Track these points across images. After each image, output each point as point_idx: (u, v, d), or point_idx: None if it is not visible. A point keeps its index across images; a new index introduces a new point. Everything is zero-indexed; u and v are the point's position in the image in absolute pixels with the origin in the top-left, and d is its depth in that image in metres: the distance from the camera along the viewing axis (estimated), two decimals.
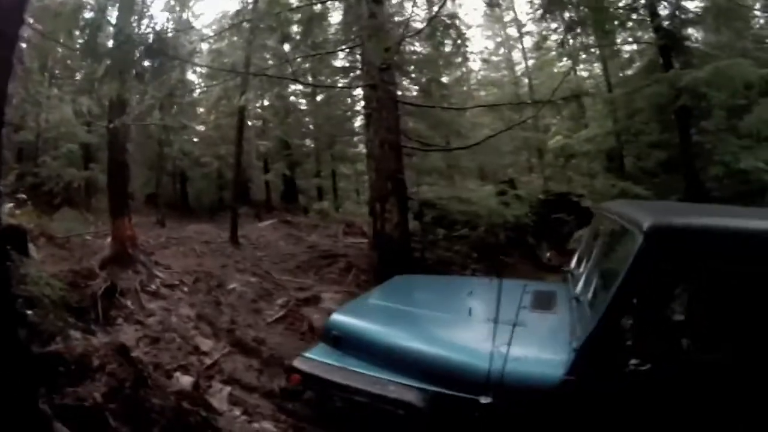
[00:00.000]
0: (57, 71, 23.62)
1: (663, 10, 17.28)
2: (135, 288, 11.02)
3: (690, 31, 18.23)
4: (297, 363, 5.53)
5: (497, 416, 4.45)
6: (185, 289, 11.95)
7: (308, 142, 33.07)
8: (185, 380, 7.16)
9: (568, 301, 5.92)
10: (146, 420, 5.39)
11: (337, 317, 6.00)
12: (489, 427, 4.49)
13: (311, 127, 31.69)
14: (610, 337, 4.40)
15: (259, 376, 8.25)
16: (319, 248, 17.19)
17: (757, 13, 17.68)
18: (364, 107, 15.92)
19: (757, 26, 20.08)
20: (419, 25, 15.99)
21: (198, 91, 27.22)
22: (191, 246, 16.76)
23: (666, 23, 17.02)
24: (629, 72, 20.35)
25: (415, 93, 21.09)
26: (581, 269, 6.47)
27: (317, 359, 5.49)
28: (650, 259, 4.37)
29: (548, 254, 18.14)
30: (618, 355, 4.32)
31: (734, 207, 7.54)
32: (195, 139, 30.74)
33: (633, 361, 4.23)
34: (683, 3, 17.03)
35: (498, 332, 4.99)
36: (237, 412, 6.94)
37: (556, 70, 25.06)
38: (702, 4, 17.10)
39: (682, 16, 17.14)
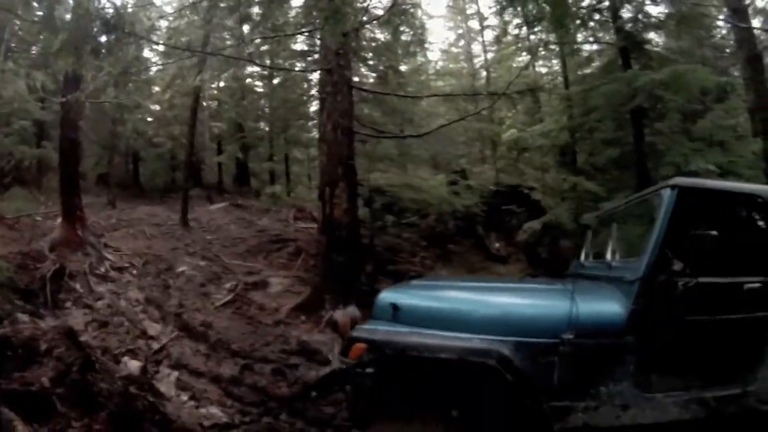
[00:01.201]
0: (13, 44, 23.19)
1: (626, 13, 17.44)
2: (84, 271, 11.00)
3: (652, 35, 18.46)
4: (359, 333, 5.55)
5: (574, 356, 4.91)
6: (134, 272, 11.95)
7: (263, 125, 32.64)
8: (133, 365, 7.16)
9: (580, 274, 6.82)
10: (94, 404, 5.40)
11: (389, 293, 5.95)
12: (563, 370, 4.92)
13: (266, 110, 31.48)
14: (661, 265, 5.12)
15: (207, 360, 8.33)
16: (270, 232, 17.24)
17: (720, 23, 17.86)
18: (318, 91, 15.77)
19: (719, 36, 20.47)
20: (380, 12, 15.93)
21: (154, 69, 26.60)
22: (141, 228, 16.68)
23: (628, 26, 17.19)
24: (587, 70, 20.49)
25: (371, 80, 21.08)
26: (588, 256, 7.52)
27: (382, 329, 5.48)
28: (674, 208, 5.33)
29: (497, 245, 18.29)
30: (670, 278, 5.11)
31: None
32: (149, 119, 30.15)
33: (681, 281, 5.07)
34: (646, 8, 17.20)
35: (559, 291, 5.74)
36: (184, 397, 6.99)
37: (514, 65, 25.10)
38: (665, 10, 17.28)
39: (644, 20, 17.32)
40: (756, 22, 21.92)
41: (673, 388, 5.09)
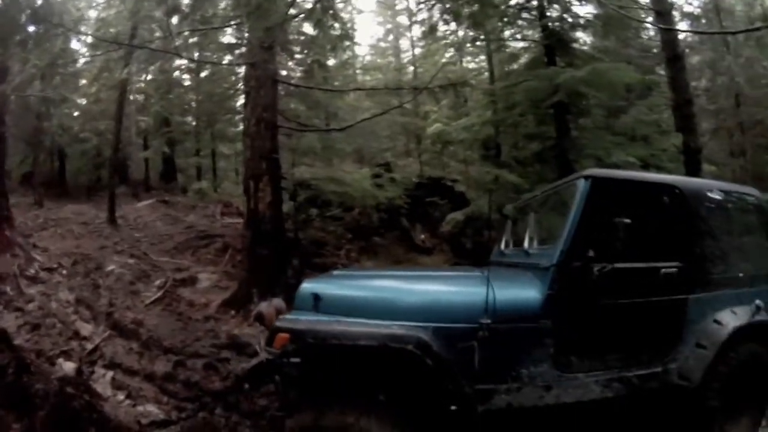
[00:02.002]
0: None
1: (553, 12, 17.72)
2: (14, 273, 10.94)
3: (579, 34, 18.82)
4: (281, 323, 5.64)
5: (492, 340, 5.09)
6: (64, 272, 11.88)
7: (189, 119, 32.37)
8: (68, 366, 7.18)
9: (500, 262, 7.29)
10: (31, 406, 5.45)
11: (311, 284, 6.08)
12: (483, 355, 5.12)
13: (193, 104, 31.22)
14: (576, 252, 5.46)
15: (140, 359, 8.36)
16: (197, 229, 17.25)
17: (649, 25, 18.29)
18: (243, 85, 15.77)
19: (647, 37, 20.99)
20: (308, 6, 15.97)
21: (81, 61, 26.14)
22: (69, 227, 16.55)
23: (554, 24, 17.47)
24: (514, 66, 20.79)
25: (298, 74, 21.06)
26: (508, 245, 7.95)
27: (304, 318, 5.59)
28: (591, 194, 5.72)
29: (422, 236, 18.51)
30: (585, 265, 5.43)
31: None
32: (75, 113, 29.59)
33: (596, 267, 5.39)
34: (574, 8, 17.52)
35: (474, 278, 5.87)
36: (121, 396, 7.04)
37: (442, 60, 25.32)
38: (593, 11, 17.62)
39: (571, 20, 17.63)
40: (683, 25, 22.61)
41: (594, 369, 5.42)
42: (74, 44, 24.46)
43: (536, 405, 5.17)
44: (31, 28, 11.73)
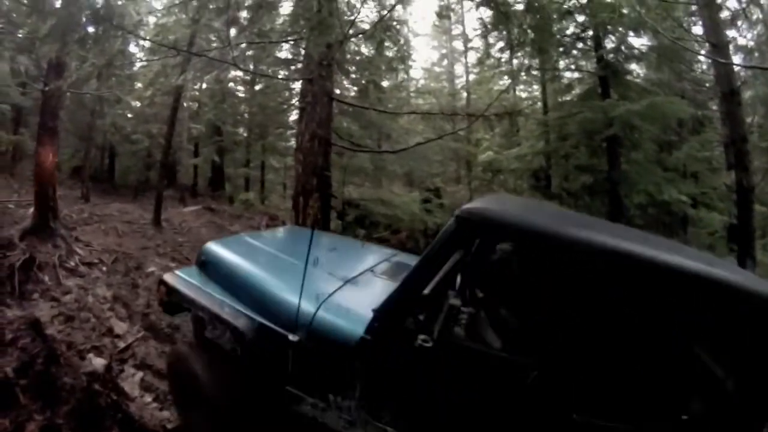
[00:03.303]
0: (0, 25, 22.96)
1: (608, 43, 17.64)
2: (54, 263, 10.94)
3: (633, 66, 18.73)
4: (166, 276, 6.21)
5: (303, 355, 5.05)
6: (104, 268, 11.85)
7: (241, 130, 32.64)
8: (98, 362, 7.12)
9: None
10: (56, 398, 5.44)
11: (209, 245, 6.50)
12: (296, 364, 5.10)
13: (246, 115, 31.49)
14: (401, 309, 4.79)
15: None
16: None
17: (702, 58, 18.09)
18: (299, 101, 15.82)
19: (699, 71, 20.76)
20: (366, 26, 15.97)
21: (138, 64, 26.45)
22: (113, 224, 16.52)
23: (610, 56, 17.39)
24: (567, 97, 20.72)
25: (352, 93, 21.17)
26: None
27: (182, 276, 6.09)
28: (453, 239, 4.79)
29: None
30: (405, 327, 4.73)
31: (576, 215, 8.38)
32: (128, 115, 29.62)
33: (420, 337, 4.55)
34: (629, 39, 17.42)
35: (327, 284, 5.57)
36: (148, 398, 6.92)
37: (495, 87, 25.24)
38: (648, 42, 17.51)
39: (626, 51, 17.54)
40: (737, 59, 22.30)
41: (406, 430, 4.95)
42: (132, 47, 24.85)
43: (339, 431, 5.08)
44: (91, 28, 11.86)
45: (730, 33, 20.62)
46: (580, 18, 17.79)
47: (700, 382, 4.60)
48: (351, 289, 5.61)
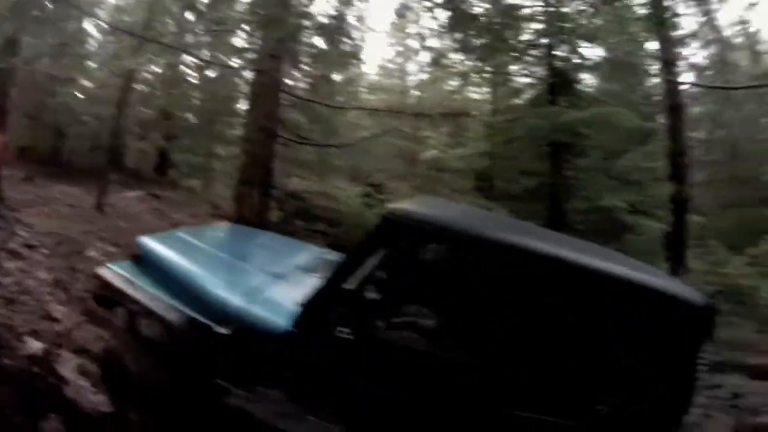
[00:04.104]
0: None
1: (561, 51, 17.91)
2: None
3: (585, 76, 19.06)
4: (100, 270, 6.21)
5: (232, 348, 5.21)
6: (45, 251, 11.74)
7: (191, 116, 32.13)
8: (36, 346, 7.14)
9: None
10: None
11: (143, 239, 6.60)
12: (225, 357, 5.27)
13: (196, 102, 31.11)
14: (325, 303, 5.05)
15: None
16: (183, 226, 17.12)
17: (653, 72, 18.47)
18: (248, 91, 15.80)
19: (650, 84, 21.20)
20: (323, 20, 16.03)
21: (93, 44, 26.30)
22: (57, 207, 16.40)
23: (561, 64, 17.66)
24: (517, 101, 20.98)
25: (304, 86, 21.23)
26: None
27: (116, 269, 6.13)
28: (377, 237, 5.19)
29: None
30: (329, 321, 4.95)
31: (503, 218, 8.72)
32: (80, 96, 28.46)
33: (343, 330, 4.87)
34: (582, 49, 17.73)
35: (257, 279, 5.90)
36: (84, 382, 6.96)
37: (447, 88, 25.43)
38: (602, 54, 17.83)
39: (578, 61, 17.83)
40: (689, 76, 22.98)
41: (332, 421, 5.11)
42: (88, 27, 24.57)
43: (270, 424, 5.14)
44: (49, 5, 11.81)
45: (685, 51, 21.26)
46: (536, 26, 18.07)
47: (620, 379, 4.85)
48: (280, 284, 5.81)
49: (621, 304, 4.83)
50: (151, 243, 6.47)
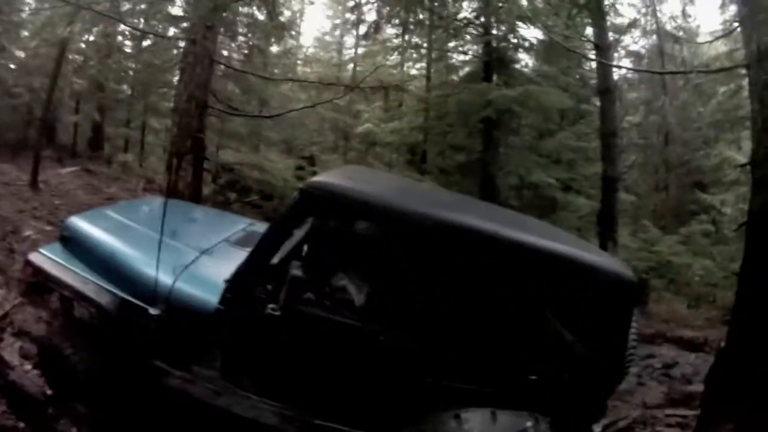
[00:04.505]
0: None
1: (498, 31, 18.09)
2: None
3: (522, 56, 19.36)
4: (31, 256, 6.05)
5: (165, 328, 5.16)
6: None
7: (125, 87, 31.60)
8: None
9: None
10: None
11: (70, 219, 6.44)
12: (159, 337, 5.22)
13: (131, 72, 30.38)
14: (250, 279, 5.13)
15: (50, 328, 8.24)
16: (117, 201, 16.97)
17: (590, 56, 18.72)
18: (180, 60, 15.69)
19: (587, 68, 21.57)
20: None
21: (27, 12, 25.78)
22: None
23: (499, 43, 17.86)
24: (452, 77, 21.15)
25: (237, 56, 21.37)
26: None
27: (47, 254, 5.92)
28: (297, 211, 5.21)
29: None
30: (255, 297, 5.06)
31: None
32: (11, 66, 28.14)
33: (269, 306, 4.91)
34: (519, 30, 17.94)
35: (184, 255, 5.73)
36: (28, 366, 6.98)
37: (384, 63, 25.50)
38: (539, 36, 18.05)
39: (515, 41, 18.07)
40: (627, 62, 23.47)
41: (271, 398, 5.18)
42: None
43: (209, 402, 5.18)
44: None
45: (625, 39, 21.69)
46: (474, 4, 18.20)
47: (550, 349, 5.00)
48: (207, 259, 5.80)
49: (552, 276, 4.98)
50: (79, 223, 6.32)
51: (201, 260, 5.77)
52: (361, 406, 5.15)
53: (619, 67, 22.80)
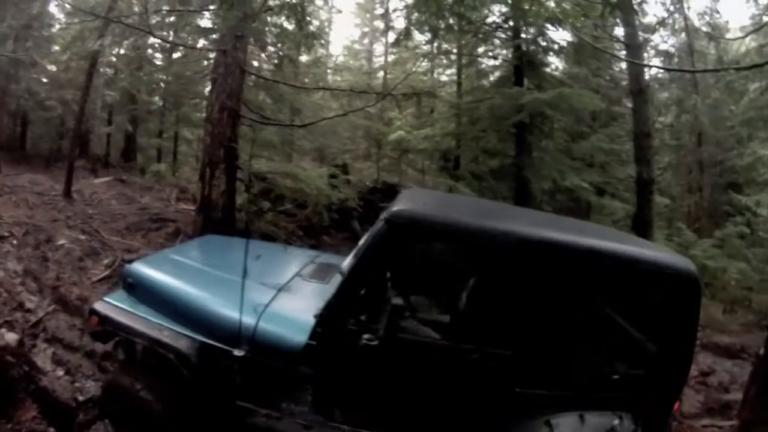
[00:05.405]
0: None
1: (527, 34, 18.00)
2: None
3: (552, 59, 19.25)
4: (96, 305, 5.99)
5: (249, 368, 5.18)
6: (14, 241, 11.72)
7: (156, 99, 32.07)
8: (10, 337, 7.10)
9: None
10: None
11: (134, 266, 6.38)
12: (243, 378, 5.21)
13: (162, 84, 30.64)
14: (341, 312, 5.15)
15: (82, 335, 8.26)
16: (150, 211, 17.03)
17: (619, 57, 18.65)
18: (211, 71, 15.76)
19: (617, 69, 21.46)
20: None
21: (57, 27, 26.04)
22: (24, 196, 16.33)
23: (528, 46, 17.78)
24: (483, 83, 21.10)
25: (268, 66, 21.42)
26: None
27: (113, 303, 5.92)
28: (384, 241, 5.16)
29: None
30: (350, 329, 5.09)
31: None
32: (44, 79, 28.53)
33: (365, 336, 4.97)
34: (549, 32, 17.83)
35: (261, 294, 5.72)
36: (60, 371, 7.04)
37: (414, 69, 25.50)
38: (568, 38, 17.97)
39: (544, 44, 17.96)
40: (656, 61, 23.25)
41: (361, 427, 5.21)
42: (52, 9, 24.35)
43: None
44: None
45: (654, 38, 21.51)
46: (503, 8, 18.13)
47: (625, 348, 5.17)
48: (285, 296, 5.79)
49: (627, 277, 5.10)
50: (144, 269, 6.32)
51: (280, 297, 5.77)
52: (457, 426, 5.15)
53: (651, 67, 22.58)
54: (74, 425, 6.15)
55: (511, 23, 18.05)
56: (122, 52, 29.63)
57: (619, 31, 17.74)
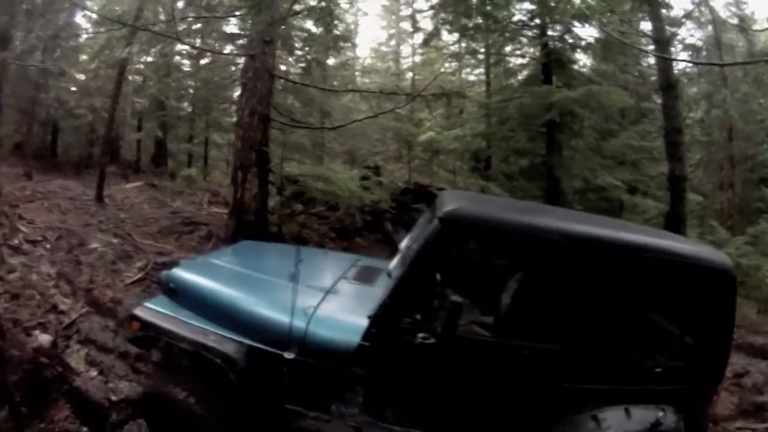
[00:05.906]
0: None
1: (554, 32, 17.91)
2: None
3: (579, 56, 19.11)
4: (137, 311, 5.90)
5: (299, 370, 5.13)
6: (47, 246, 11.82)
7: (185, 105, 32.44)
8: (44, 338, 7.13)
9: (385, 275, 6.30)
10: (5, 370, 5.47)
11: (175, 271, 6.35)
12: (292, 380, 5.18)
13: (190, 90, 30.87)
14: (396, 312, 5.08)
15: (115, 337, 8.34)
16: (182, 215, 17.13)
17: (647, 52, 18.51)
18: (240, 76, 15.80)
19: (645, 64, 21.28)
20: (312, 3, 15.97)
21: (84, 36, 26.17)
22: (56, 201, 16.46)
23: (555, 43, 17.67)
24: (511, 82, 21.02)
25: (297, 70, 21.38)
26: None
27: (154, 308, 5.87)
28: (439, 241, 5.14)
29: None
30: (404, 328, 5.04)
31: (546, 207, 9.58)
32: (72, 88, 29.13)
33: (420, 335, 4.89)
34: (575, 29, 17.72)
35: (309, 297, 5.59)
36: (93, 372, 7.07)
37: (441, 70, 25.44)
38: (595, 34, 17.85)
39: (571, 41, 17.84)
40: (684, 55, 23.06)
41: (413, 427, 5.17)
42: (78, 19, 24.48)
43: None
44: None
45: (681, 32, 21.31)
46: (529, 6, 18.07)
47: (665, 342, 5.27)
48: (333, 298, 5.76)
49: (667, 271, 5.15)
50: (186, 274, 6.31)
51: (328, 300, 5.74)
52: (508, 422, 5.19)
53: (680, 61, 22.31)
54: (107, 425, 6.18)
55: (537, 21, 17.95)
56: (150, 59, 29.68)
57: (646, 26, 17.59)
